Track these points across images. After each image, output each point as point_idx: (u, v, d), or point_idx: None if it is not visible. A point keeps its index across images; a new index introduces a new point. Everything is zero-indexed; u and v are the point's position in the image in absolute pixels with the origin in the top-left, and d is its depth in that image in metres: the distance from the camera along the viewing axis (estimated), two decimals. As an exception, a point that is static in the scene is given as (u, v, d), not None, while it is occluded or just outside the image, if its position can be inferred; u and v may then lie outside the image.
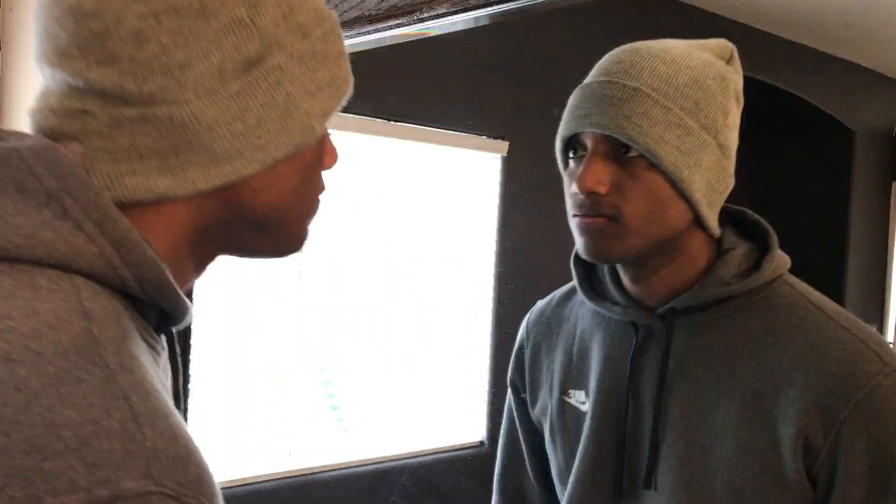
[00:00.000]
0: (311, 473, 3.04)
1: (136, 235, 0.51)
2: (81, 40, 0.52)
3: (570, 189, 0.91)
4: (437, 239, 3.48)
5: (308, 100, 0.57)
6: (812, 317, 0.89)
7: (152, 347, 0.53)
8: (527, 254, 3.64)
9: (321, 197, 0.65)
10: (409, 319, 3.42)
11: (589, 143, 0.89)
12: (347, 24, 1.02)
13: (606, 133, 0.86)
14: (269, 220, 0.59)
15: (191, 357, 1.40)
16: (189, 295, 1.57)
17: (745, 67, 0.98)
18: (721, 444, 0.89)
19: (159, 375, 0.51)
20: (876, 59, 5.15)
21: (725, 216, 0.97)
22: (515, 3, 0.80)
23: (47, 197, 0.49)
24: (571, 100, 0.93)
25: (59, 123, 0.53)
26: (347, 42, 1.07)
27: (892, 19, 4.30)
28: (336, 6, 1.04)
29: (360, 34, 1.01)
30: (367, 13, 0.99)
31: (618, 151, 0.87)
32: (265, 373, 3.02)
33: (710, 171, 0.88)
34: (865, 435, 0.84)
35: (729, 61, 0.96)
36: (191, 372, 1.39)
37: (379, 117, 3.12)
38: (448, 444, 3.47)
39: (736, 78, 0.94)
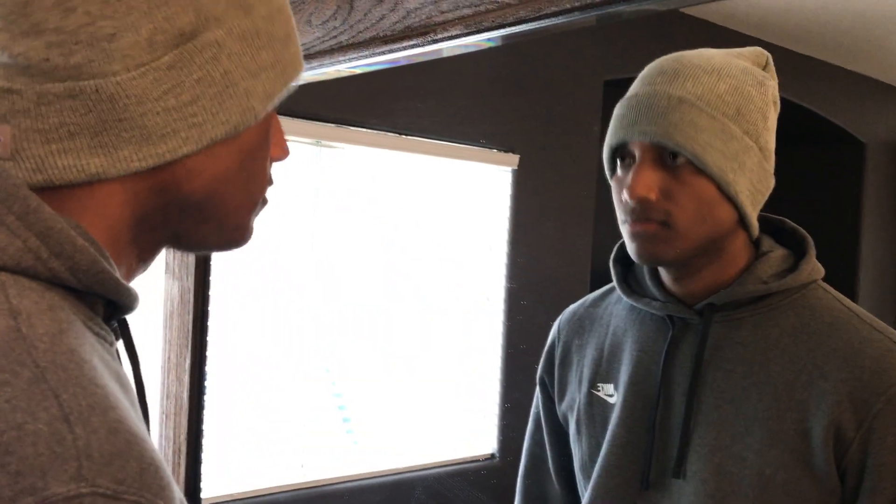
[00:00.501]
0: (324, 485, 3.05)
1: (62, 224, 0.49)
2: (5, 11, 0.50)
3: (621, 196, 0.95)
4: (447, 251, 3.50)
5: (249, 79, 0.55)
6: (845, 317, 0.93)
7: (102, 338, 0.52)
8: (536, 266, 3.65)
9: (269, 192, 0.62)
10: (419, 331, 3.43)
11: (637, 151, 0.93)
12: (363, 45, 1.03)
13: (655, 141, 0.90)
14: (207, 207, 0.56)
15: (206, 370, 1.41)
16: (205, 300, 1.55)
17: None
18: (752, 433, 0.91)
19: (111, 365, 0.50)
20: (887, 71, 5.15)
21: (764, 224, 1.02)
22: (528, 24, 0.81)
23: None
24: (617, 110, 0.96)
25: None
26: (361, 62, 1.09)
27: (903, 32, 4.31)
28: (351, 27, 1.06)
29: (374, 54, 1.03)
30: (381, 34, 1.01)
31: (665, 158, 0.91)
32: (277, 385, 3.04)
33: (752, 172, 0.92)
34: None
35: (765, 68, 1.00)
36: (206, 384, 1.41)
37: (390, 131, 3.14)
38: (459, 456, 3.47)
39: (773, 83, 0.98)
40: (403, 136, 3.19)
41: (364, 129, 3.06)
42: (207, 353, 1.44)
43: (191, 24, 0.52)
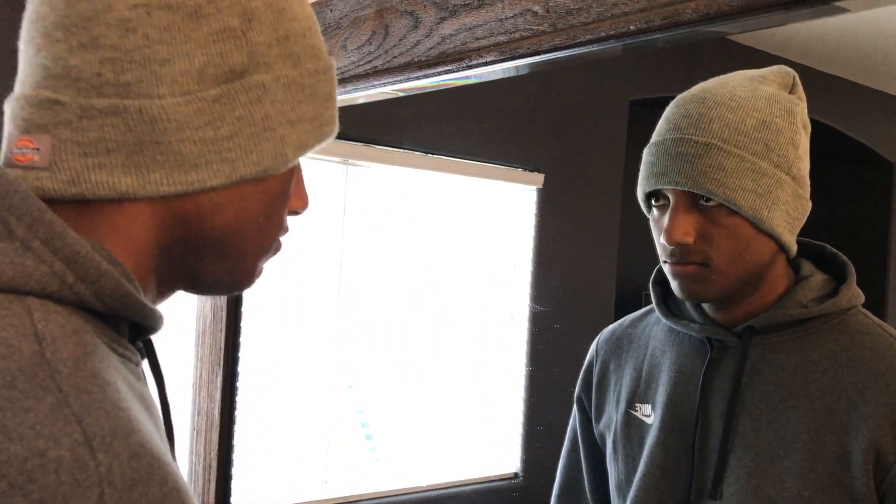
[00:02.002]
0: (346, 502, 3.06)
1: (87, 248, 0.49)
2: (68, 22, 0.51)
3: (659, 239, 0.97)
4: (473, 269, 3.50)
5: (286, 127, 0.56)
6: (886, 342, 0.93)
7: (127, 359, 0.52)
8: (561, 284, 3.64)
9: (282, 240, 0.63)
10: (443, 349, 3.44)
11: (671, 196, 0.95)
12: (397, 70, 1.05)
13: (686, 189, 0.91)
14: (225, 245, 0.57)
15: (238, 384, 1.43)
16: (237, 318, 1.57)
17: None
18: (790, 456, 0.92)
19: (135, 387, 0.50)
20: (915, 90, 5.11)
21: (804, 249, 1.03)
22: (562, 52, 0.83)
23: None
24: (646, 156, 0.97)
25: (30, 113, 0.52)
26: (394, 87, 1.11)
27: (931, 52, 4.28)
28: (386, 52, 1.08)
29: (408, 79, 1.04)
30: (416, 59, 1.02)
31: (698, 201, 0.93)
32: (301, 401, 3.05)
33: (787, 204, 0.94)
34: None
35: (792, 89, 1.00)
36: (238, 400, 1.42)
37: (416, 150, 3.17)
38: (482, 475, 3.46)
39: (801, 106, 0.98)
40: (430, 155, 3.22)
41: (391, 148, 3.08)
42: (238, 370, 1.46)
43: (242, 64, 0.54)
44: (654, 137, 0.98)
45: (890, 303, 5.20)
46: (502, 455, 3.56)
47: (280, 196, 0.59)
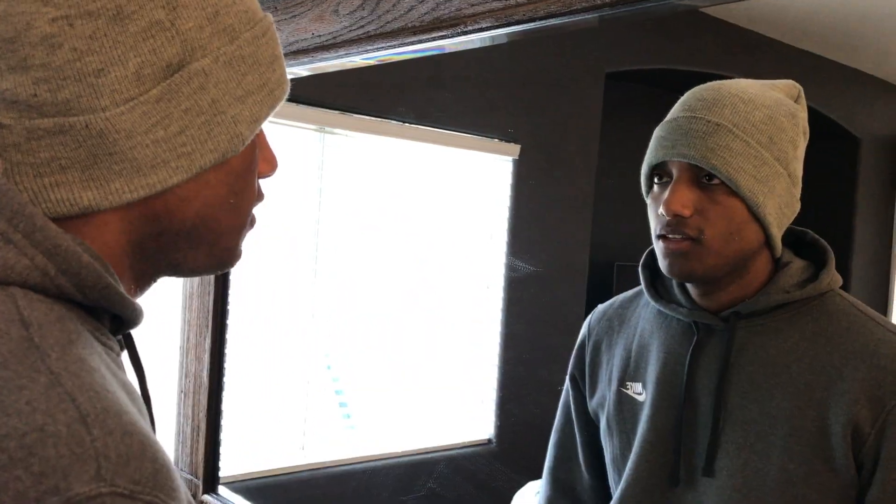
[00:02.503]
0: (323, 468, 3.09)
1: (69, 242, 0.49)
2: None
3: (657, 211, 1.01)
4: (448, 239, 3.53)
5: (236, 105, 0.55)
6: (861, 321, 0.99)
7: (109, 348, 0.52)
8: (536, 255, 3.68)
9: (259, 211, 0.63)
10: (417, 318, 3.47)
11: (675, 170, 1.00)
12: (391, 35, 1.06)
13: (693, 162, 0.96)
14: (199, 232, 0.57)
15: (226, 351, 1.44)
16: (226, 281, 1.58)
17: (751, 74, 1.08)
18: (775, 431, 0.97)
19: (117, 374, 0.50)
20: (882, 67, 5.19)
21: (786, 234, 1.07)
22: (559, 19, 0.84)
23: None
24: (657, 132, 1.02)
25: None
26: (388, 52, 1.11)
27: (900, 29, 4.34)
28: (379, 17, 1.08)
29: (402, 44, 1.05)
30: (410, 25, 1.03)
31: (701, 179, 0.98)
32: (278, 369, 3.07)
33: (781, 197, 0.99)
34: None
35: (797, 100, 1.08)
36: (225, 366, 1.44)
37: (393, 119, 3.17)
38: (456, 441, 3.51)
39: (803, 115, 1.06)
40: (407, 125, 3.22)
41: (368, 117, 3.08)
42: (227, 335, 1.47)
43: (177, 56, 0.53)
44: (668, 117, 1.03)
45: (854, 277, 5.32)
46: (476, 421, 3.61)
47: (245, 172, 0.59)
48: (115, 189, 0.52)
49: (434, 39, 1.01)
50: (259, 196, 0.62)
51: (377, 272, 3.32)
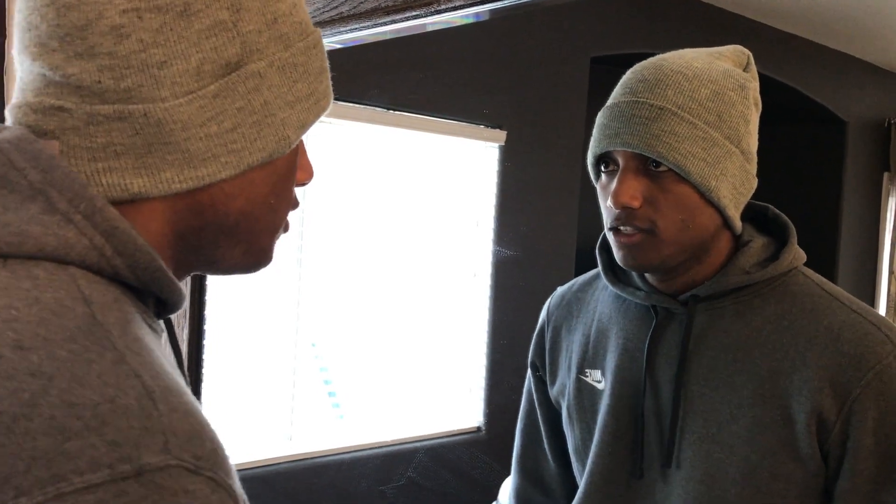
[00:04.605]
0: (312, 458, 3.08)
1: (126, 224, 0.51)
2: (62, 32, 0.52)
3: (605, 203, 0.96)
4: (434, 226, 3.51)
5: (286, 109, 0.58)
6: (825, 303, 0.95)
7: (154, 330, 0.54)
8: (523, 241, 3.67)
9: (290, 214, 0.65)
10: (405, 306, 3.45)
11: (620, 159, 0.94)
12: (365, 15, 1.04)
13: (637, 151, 0.91)
14: (239, 228, 0.59)
15: (205, 342, 1.42)
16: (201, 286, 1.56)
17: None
18: (737, 420, 0.94)
19: (165, 355, 0.52)
20: (869, 50, 5.19)
21: (746, 211, 1.03)
22: (533, -4, 0.82)
23: (32, 191, 0.50)
24: (600, 118, 0.97)
25: (36, 120, 0.53)
26: (362, 33, 1.09)
27: (885, 11, 4.34)
28: (353, -3, 1.06)
29: (377, 25, 1.03)
30: (384, 4, 1.01)
31: (648, 166, 0.92)
32: (265, 358, 3.05)
33: (734, 177, 0.94)
34: (875, 412, 0.89)
35: (746, 68, 1.00)
36: (204, 356, 1.42)
37: (378, 106, 3.14)
38: (445, 429, 3.51)
39: (754, 84, 0.99)
40: (391, 112, 3.19)
41: (352, 104, 3.05)
42: (205, 327, 1.45)
43: (236, 56, 0.55)
44: (609, 101, 0.98)
45: (841, 261, 5.34)
46: (465, 409, 3.61)
47: (287, 175, 0.61)
48: (166, 178, 0.54)
49: (408, 20, 0.99)
50: (294, 203, 0.64)
51: (363, 261, 3.30)
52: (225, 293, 2.87)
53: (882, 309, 5.73)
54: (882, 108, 5.69)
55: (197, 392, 1.37)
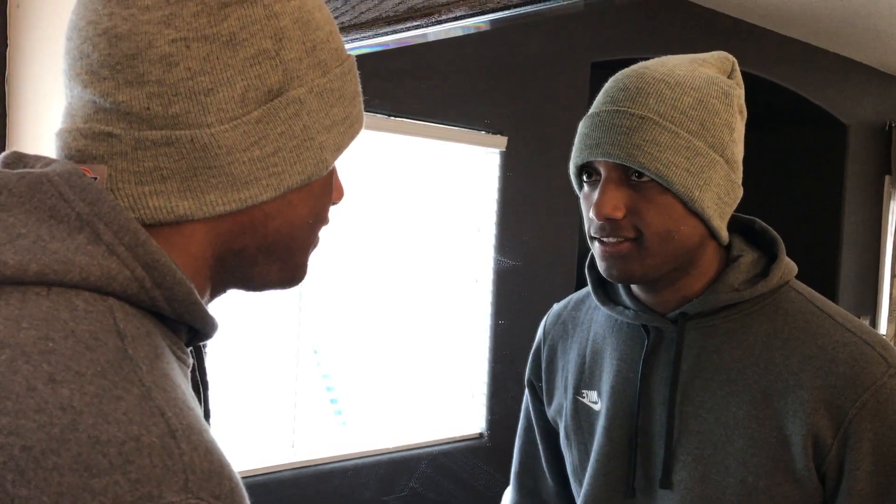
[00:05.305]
0: (314, 465, 3.08)
1: (166, 258, 0.53)
2: (113, 61, 0.54)
3: (588, 213, 0.95)
4: (436, 232, 3.51)
5: (323, 133, 0.60)
6: (819, 321, 0.93)
7: (182, 361, 0.56)
8: (525, 247, 3.67)
9: (321, 231, 0.67)
10: (407, 313, 3.45)
11: (602, 169, 0.93)
12: (365, 26, 1.04)
13: (619, 161, 0.90)
14: (277, 247, 0.61)
15: (206, 349, 1.42)
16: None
17: (739, 62, 1.01)
18: (732, 442, 0.93)
19: (189, 391, 0.53)
20: (869, 54, 5.19)
21: (734, 224, 1.01)
22: (535, 6, 0.82)
23: (80, 222, 0.51)
24: (581, 128, 0.95)
25: (85, 145, 0.55)
26: (363, 43, 1.10)
27: (886, 15, 4.34)
28: (353, 7, 1.06)
29: (377, 35, 1.03)
30: (384, 15, 1.01)
31: (630, 176, 0.91)
32: (267, 366, 3.05)
33: (719, 186, 0.92)
34: (872, 433, 0.88)
35: (730, 75, 0.99)
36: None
37: (379, 113, 3.15)
38: (448, 436, 3.50)
39: (738, 92, 0.97)
40: (392, 118, 3.20)
41: (353, 111, 3.05)
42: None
43: (278, 83, 0.57)
44: (591, 109, 0.96)
45: (842, 264, 5.33)
46: (467, 415, 3.60)
47: (323, 195, 0.63)
48: (210, 201, 0.56)
49: (409, 29, 0.99)
50: (327, 220, 0.67)
51: (365, 267, 3.30)
52: (227, 300, 2.87)
53: (884, 313, 5.72)
54: (883, 111, 5.69)
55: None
